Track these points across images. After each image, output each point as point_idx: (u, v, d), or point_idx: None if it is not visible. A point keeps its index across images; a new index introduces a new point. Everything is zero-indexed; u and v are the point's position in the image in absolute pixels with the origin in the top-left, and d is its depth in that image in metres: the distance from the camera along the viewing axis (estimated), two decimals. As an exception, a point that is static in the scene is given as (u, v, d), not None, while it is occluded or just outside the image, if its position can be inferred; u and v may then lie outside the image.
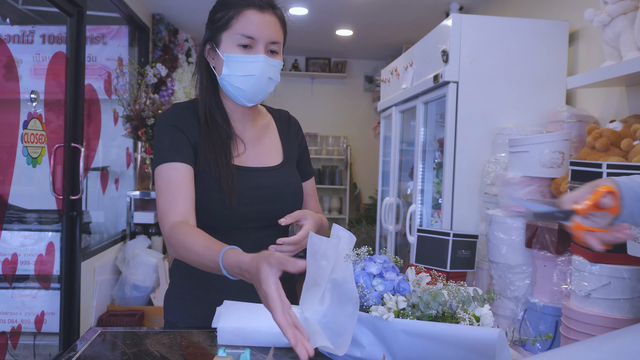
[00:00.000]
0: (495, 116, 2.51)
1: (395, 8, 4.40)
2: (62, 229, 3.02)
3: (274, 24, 1.31)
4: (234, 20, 1.28)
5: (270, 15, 1.31)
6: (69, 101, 3.05)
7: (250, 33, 1.27)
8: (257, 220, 1.35)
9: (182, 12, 4.68)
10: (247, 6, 1.28)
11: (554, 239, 1.88)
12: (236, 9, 1.28)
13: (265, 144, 1.43)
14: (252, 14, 1.28)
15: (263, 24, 1.28)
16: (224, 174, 1.29)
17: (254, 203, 1.33)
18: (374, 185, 6.20)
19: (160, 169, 1.26)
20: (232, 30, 1.28)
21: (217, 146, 1.31)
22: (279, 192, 1.37)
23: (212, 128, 1.33)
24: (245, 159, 1.37)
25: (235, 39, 1.28)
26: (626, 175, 1.03)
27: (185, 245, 1.14)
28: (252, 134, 1.42)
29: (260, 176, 1.37)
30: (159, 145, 1.29)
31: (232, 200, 1.29)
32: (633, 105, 2.20)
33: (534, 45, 2.52)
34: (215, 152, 1.31)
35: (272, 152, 1.43)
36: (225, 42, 1.29)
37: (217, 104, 1.37)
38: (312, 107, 6.75)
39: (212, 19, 1.33)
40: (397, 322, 1.01)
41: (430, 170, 3.02)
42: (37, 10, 3.10)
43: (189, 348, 1.15)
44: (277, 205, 1.36)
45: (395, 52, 5.80)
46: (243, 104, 1.35)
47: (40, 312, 2.85)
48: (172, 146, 1.28)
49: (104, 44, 4.09)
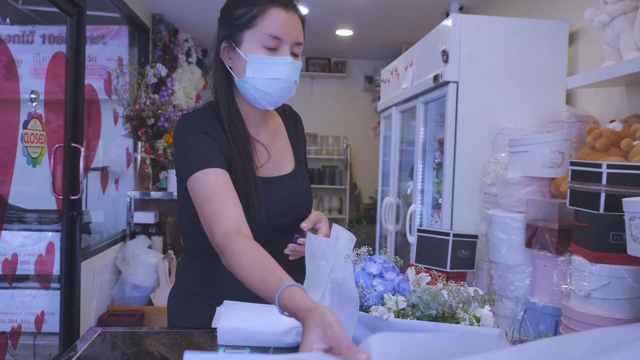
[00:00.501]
0: (495, 116, 2.51)
1: (395, 8, 4.40)
2: (62, 229, 3.02)
3: (298, 24, 1.23)
4: (259, 18, 1.19)
5: (294, 14, 1.22)
6: (69, 101, 3.05)
7: (278, 33, 1.19)
8: (279, 230, 1.32)
9: (182, 12, 4.68)
10: (273, 4, 1.20)
11: (554, 239, 1.88)
12: (261, 6, 1.20)
13: (279, 149, 1.37)
14: (278, 12, 1.20)
15: (289, 24, 1.21)
16: (253, 189, 1.21)
17: (279, 216, 1.30)
18: (374, 185, 6.20)
19: (198, 177, 1.16)
20: (257, 29, 1.20)
21: (243, 156, 1.23)
22: (297, 202, 1.34)
23: (234, 135, 1.25)
24: (266, 168, 1.30)
25: (261, 39, 1.19)
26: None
27: (241, 266, 1.06)
28: (267, 139, 1.34)
29: (280, 187, 1.32)
30: (189, 151, 1.19)
31: (262, 216, 1.23)
32: (633, 105, 2.20)
33: (534, 45, 2.52)
34: (243, 162, 1.23)
35: (285, 157, 1.37)
36: (248, 41, 1.21)
37: (235, 109, 1.28)
38: (312, 107, 6.75)
39: (231, 16, 1.23)
40: (397, 322, 1.01)
41: (430, 170, 3.02)
42: (37, 10, 3.10)
43: (189, 348, 1.15)
44: (296, 215, 1.33)
45: (395, 52, 5.80)
46: (263, 108, 1.28)
47: (40, 312, 2.85)
48: (207, 152, 1.19)
49: (104, 44, 4.09)
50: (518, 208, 2.17)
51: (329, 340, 0.79)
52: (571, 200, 1.69)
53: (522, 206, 2.14)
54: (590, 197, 1.58)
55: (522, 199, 2.14)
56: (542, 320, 1.90)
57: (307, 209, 1.37)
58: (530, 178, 2.14)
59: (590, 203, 1.58)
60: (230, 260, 1.08)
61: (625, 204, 1.34)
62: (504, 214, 2.16)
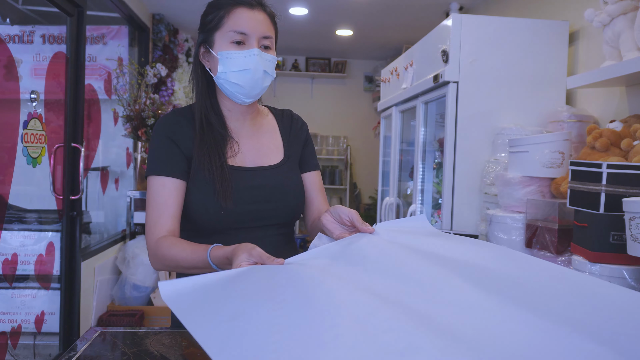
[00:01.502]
0: (495, 116, 2.51)
1: (395, 8, 4.40)
2: (62, 229, 3.02)
3: (264, 20, 1.34)
4: (225, 18, 1.31)
5: (260, 12, 1.33)
6: (69, 101, 3.05)
7: (242, 29, 1.30)
8: (256, 219, 1.35)
9: (182, 12, 4.68)
10: (237, 5, 1.32)
11: (554, 239, 1.88)
12: (226, 8, 1.32)
13: (265, 142, 1.44)
14: (242, 11, 1.31)
15: (254, 20, 1.31)
16: (218, 175, 1.31)
17: (252, 202, 1.33)
18: (374, 185, 6.21)
19: (151, 181, 1.32)
20: (224, 28, 1.31)
21: (211, 149, 1.34)
22: (279, 190, 1.37)
23: (207, 132, 1.36)
24: (242, 159, 1.38)
25: (228, 36, 1.30)
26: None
27: (172, 254, 1.21)
28: (251, 133, 1.43)
29: (258, 175, 1.37)
30: (152, 154, 1.34)
31: (227, 201, 1.30)
32: (633, 105, 2.20)
33: (534, 45, 2.52)
34: (210, 154, 1.33)
35: (271, 150, 1.43)
36: (218, 41, 1.32)
37: (212, 106, 1.39)
38: (312, 107, 6.75)
39: (204, 22, 1.36)
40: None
41: (430, 170, 3.02)
42: (37, 10, 3.10)
43: (189, 348, 1.15)
44: (276, 203, 1.36)
45: (395, 52, 5.80)
46: (242, 102, 1.37)
47: (40, 312, 2.85)
48: (164, 159, 1.32)
49: (104, 44, 4.09)
50: (518, 208, 2.17)
51: (254, 258, 1.00)
52: (571, 200, 1.69)
53: (522, 206, 2.14)
54: (590, 197, 1.58)
55: (522, 199, 2.14)
56: (542, 320, 1.91)
57: (295, 201, 1.40)
58: (530, 178, 2.14)
59: (590, 203, 1.58)
60: (161, 257, 1.23)
61: (625, 204, 1.34)
62: (504, 214, 2.16)
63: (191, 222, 1.34)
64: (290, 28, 5.21)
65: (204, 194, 1.31)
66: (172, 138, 1.34)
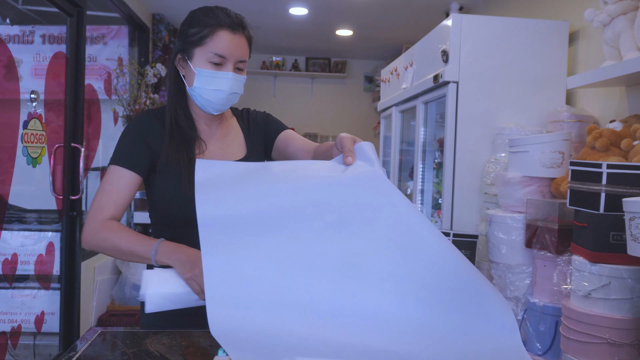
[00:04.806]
0: (495, 116, 2.51)
1: (395, 8, 4.40)
2: (62, 229, 3.02)
3: (243, 44, 1.42)
4: (208, 38, 1.38)
5: (240, 36, 1.41)
6: (69, 101, 3.05)
7: (222, 52, 1.38)
8: None
9: (182, 12, 4.66)
10: (221, 27, 1.39)
11: (554, 239, 1.88)
12: (211, 28, 1.39)
13: (229, 141, 1.54)
14: (225, 34, 1.39)
15: (234, 44, 1.39)
16: (184, 169, 1.40)
17: None
18: (374, 185, 6.18)
19: (111, 169, 1.42)
20: (206, 47, 1.38)
21: (180, 146, 1.43)
22: None
23: (177, 133, 1.45)
24: (209, 156, 1.48)
25: (208, 56, 1.38)
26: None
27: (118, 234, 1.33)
28: (218, 135, 1.53)
29: None
30: (119, 146, 1.44)
31: (190, 190, 1.33)
32: (633, 105, 2.20)
33: (534, 45, 2.52)
34: (179, 151, 1.42)
35: (235, 147, 1.54)
36: (197, 56, 1.40)
37: (183, 110, 1.48)
38: (312, 107, 6.75)
39: (186, 33, 1.42)
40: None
41: (430, 170, 3.02)
42: (37, 10, 3.11)
43: (189, 348, 1.15)
44: None
45: (395, 52, 5.80)
46: (210, 112, 1.46)
47: (40, 312, 2.85)
48: (128, 153, 1.42)
49: (104, 44, 4.09)
50: (518, 208, 2.17)
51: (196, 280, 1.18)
52: (571, 200, 1.69)
53: (522, 206, 2.14)
54: (590, 197, 1.58)
55: (522, 199, 2.13)
56: (542, 320, 1.90)
57: None
58: (530, 178, 2.14)
59: (590, 203, 1.58)
60: (105, 233, 1.34)
61: (625, 204, 1.34)
62: (504, 214, 2.16)
63: (160, 215, 1.45)
64: (290, 28, 5.21)
65: (172, 185, 1.41)
66: (142, 136, 1.43)
